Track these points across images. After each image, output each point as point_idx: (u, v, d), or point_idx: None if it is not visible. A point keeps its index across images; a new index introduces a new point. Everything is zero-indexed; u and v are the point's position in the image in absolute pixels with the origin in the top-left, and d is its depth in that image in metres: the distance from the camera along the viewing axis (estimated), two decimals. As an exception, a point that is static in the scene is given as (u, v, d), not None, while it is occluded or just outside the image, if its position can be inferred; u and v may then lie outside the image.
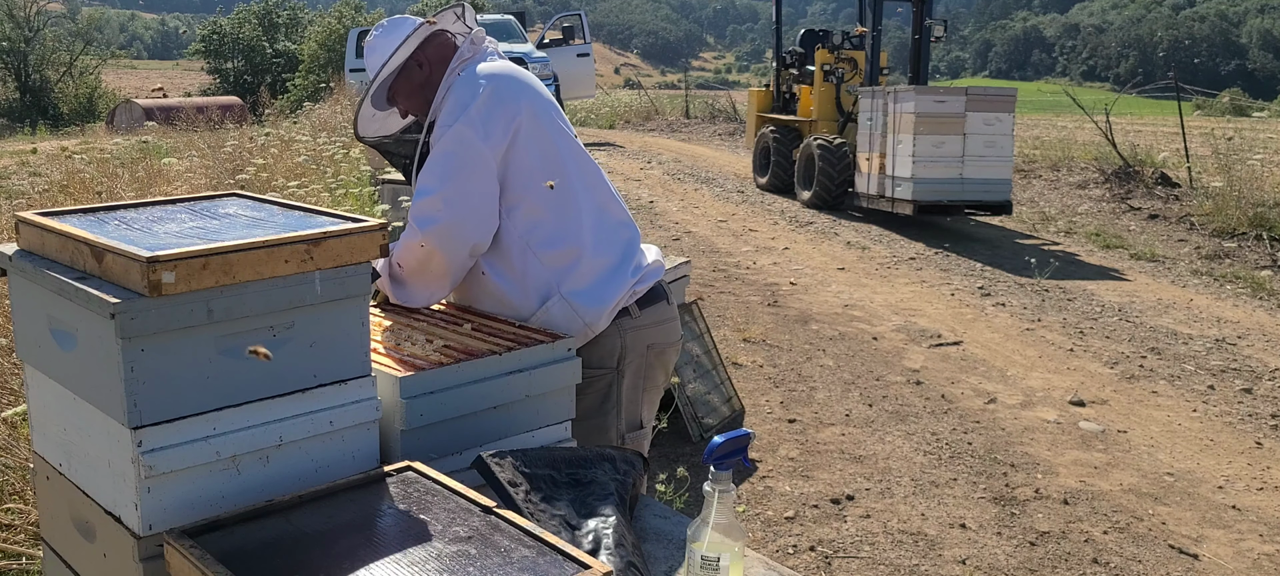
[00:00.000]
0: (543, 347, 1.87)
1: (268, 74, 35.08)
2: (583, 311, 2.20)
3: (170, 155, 9.10)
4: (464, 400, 1.75)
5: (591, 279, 2.21)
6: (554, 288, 2.20)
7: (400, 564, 1.29)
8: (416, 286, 2.20)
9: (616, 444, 2.30)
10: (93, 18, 44.68)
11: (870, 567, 3.57)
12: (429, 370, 1.73)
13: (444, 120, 2.16)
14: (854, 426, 4.91)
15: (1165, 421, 4.97)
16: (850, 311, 7.15)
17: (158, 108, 21.80)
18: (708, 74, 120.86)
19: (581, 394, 2.17)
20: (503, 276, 2.21)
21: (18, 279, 1.59)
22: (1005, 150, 10.00)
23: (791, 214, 11.35)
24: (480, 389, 1.77)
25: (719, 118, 24.44)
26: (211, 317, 1.40)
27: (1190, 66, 31.00)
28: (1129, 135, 15.46)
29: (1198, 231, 9.89)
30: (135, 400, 1.36)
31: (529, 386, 1.84)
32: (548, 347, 1.88)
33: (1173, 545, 3.74)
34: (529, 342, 1.89)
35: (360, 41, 18.83)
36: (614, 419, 2.29)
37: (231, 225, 1.61)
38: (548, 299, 2.20)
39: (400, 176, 5.82)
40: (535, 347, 1.86)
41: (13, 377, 3.36)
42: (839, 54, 12.29)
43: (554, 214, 2.21)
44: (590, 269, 2.22)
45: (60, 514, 1.63)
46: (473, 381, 1.77)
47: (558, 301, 2.19)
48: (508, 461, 1.60)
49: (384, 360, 1.80)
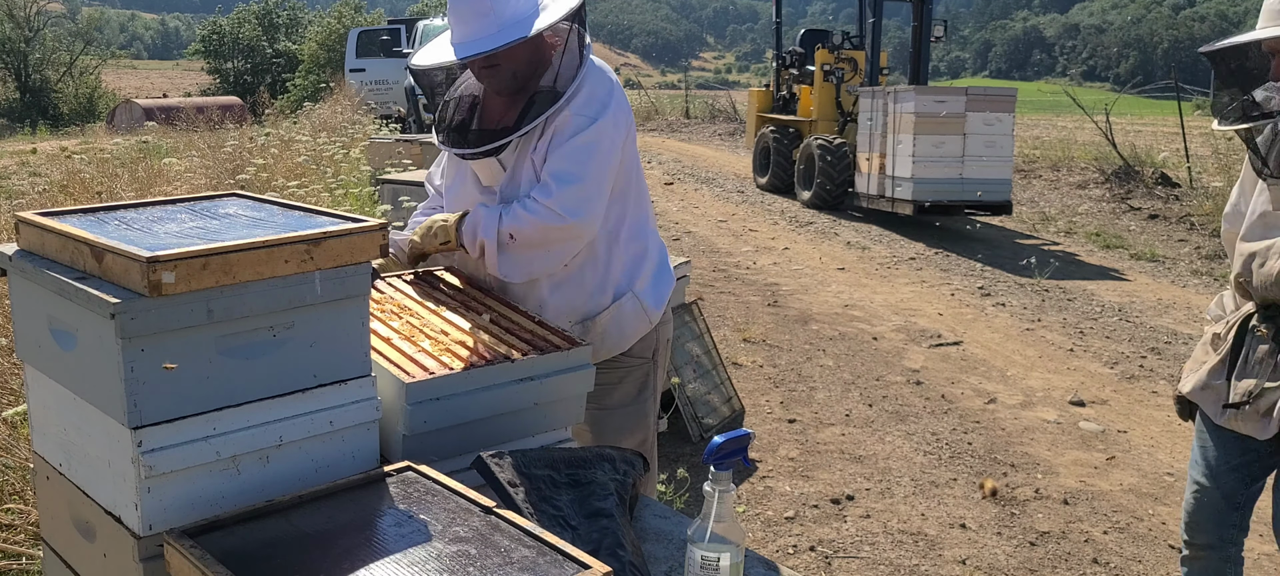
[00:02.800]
0: (558, 355, 1.83)
1: (268, 74, 35.08)
2: (649, 310, 2.33)
3: (170, 155, 9.11)
4: (470, 407, 1.71)
5: (652, 277, 2.34)
6: (627, 285, 2.30)
7: (400, 564, 1.29)
8: (524, 262, 2.19)
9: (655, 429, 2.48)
10: (93, 18, 44.66)
11: (870, 567, 3.57)
12: (437, 377, 1.68)
13: (583, 109, 2.17)
14: (854, 426, 4.91)
15: (1165, 421, 4.97)
16: (850, 311, 7.15)
17: (158, 108, 21.80)
18: (708, 74, 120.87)
19: (620, 384, 2.35)
20: (586, 267, 2.26)
21: (18, 279, 1.59)
22: (1005, 150, 10.00)
23: (791, 214, 11.35)
24: (489, 396, 1.73)
25: (719, 118, 24.45)
26: (211, 318, 1.40)
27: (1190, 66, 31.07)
28: (1129, 135, 15.45)
29: (1198, 231, 9.89)
30: (135, 400, 1.36)
31: (540, 394, 1.80)
32: (563, 355, 1.83)
33: (1173, 545, 3.74)
34: (545, 347, 1.84)
35: (360, 42, 18.84)
36: (651, 405, 2.43)
37: (231, 225, 1.61)
38: (621, 296, 2.29)
39: (400, 176, 5.82)
40: (550, 355, 1.82)
41: (13, 377, 3.36)
42: (839, 54, 12.29)
43: (634, 211, 2.32)
44: (651, 267, 2.35)
45: (60, 514, 1.63)
46: (482, 388, 1.72)
47: (630, 299, 2.30)
48: (507, 462, 1.60)
49: (395, 354, 1.76)
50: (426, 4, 34.28)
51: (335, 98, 15.99)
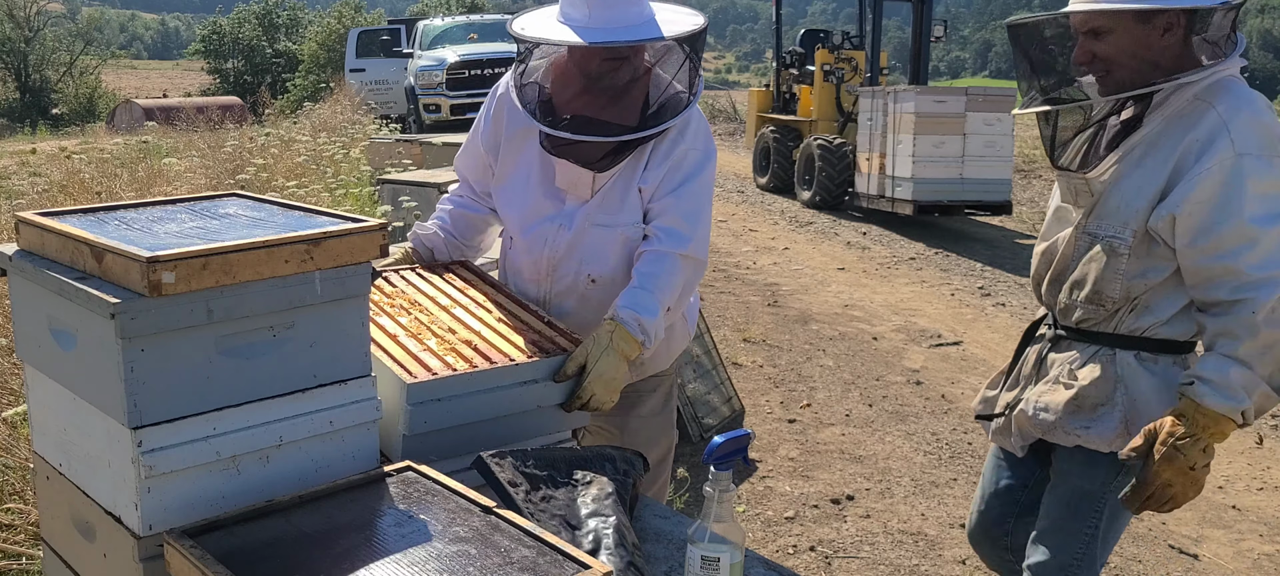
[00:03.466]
0: (562, 358, 1.83)
1: (268, 74, 35.05)
2: (691, 325, 2.35)
3: (170, 155, 9.11)
4: (471, 408, 1.71)
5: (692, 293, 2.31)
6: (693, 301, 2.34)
7: (400, 564, 1.29)
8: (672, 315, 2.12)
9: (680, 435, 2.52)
10: (93, 18, 44.67)
11: (870, 568, 3.57)
12: (438, 378, 1.68)
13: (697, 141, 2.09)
14: (854, 426, 4.91)
15: (1165, 421, 4.97)
16: (850, 311, 7.15)
17: (158, 108, 21.80)
18: (708, 74, 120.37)
19: (652, 394, 2.31)
20: None
21: (18, 279, 1.59)
22: (1005, 150, 10.00)
23: (791, 214, 11.36)
24: (491, 398, 1.73)
25: (719, 118, 24.44)
26: (211, 317, 1.40)
27: (1190, 66, 31.23)
28: (1129, 135, 15.42)
29: (1198, 231, 9.88)
30: (135, 400, 1.36)
31: (542, 397, 1.80)
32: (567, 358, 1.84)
33: (1173, 545, 3.74)
34: (552, 349, 1.84)
35: (360, 42, 18.83)
36: (674, 414, 2.43)
37: (231, 225, 1.61)
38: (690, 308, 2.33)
39: (400, 176, 5.82)
40: (554, 358, 1.82)
41: (13, 377, 3.36)
42: (839, 54, 12.29)
43: None
44: None
45: (60, 514, 1.63)
46: (484, 390, 1.72)
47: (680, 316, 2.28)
48: (508, 461, 1.60)
49: (399, 352, 1.76)
50: (426, 4, 34.27)
51: (335, 98, 15.98)
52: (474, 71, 13.34)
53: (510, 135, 2.17)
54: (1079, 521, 2.05)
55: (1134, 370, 1.97)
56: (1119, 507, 1.99)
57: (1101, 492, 2.03)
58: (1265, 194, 1.81)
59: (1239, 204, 1.80)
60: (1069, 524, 2.06)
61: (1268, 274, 1.79)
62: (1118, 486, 1.97)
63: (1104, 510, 2.03)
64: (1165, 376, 1.95)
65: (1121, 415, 1.97)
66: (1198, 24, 1.90)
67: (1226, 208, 1.81)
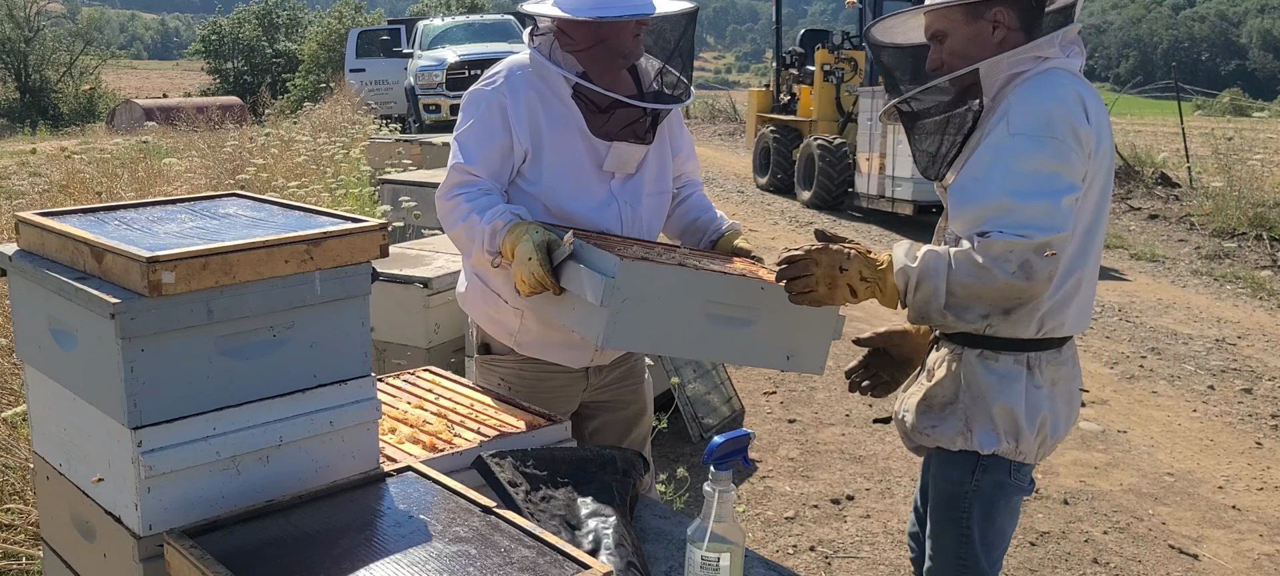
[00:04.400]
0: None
1: (268, 74, 35.05)
2: None
3: (170, 155, 9.10)
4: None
5: None
6: None
7: (400, 564, 1.29)
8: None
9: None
10: (93, 18, 44.67)
11: (870, 568, 3.57)
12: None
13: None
14: (854, 426, 4.91)
15: (1165, 421, 4.97)
16: (849, 311, 7.15)
17: (158, 108, 21.79)
18: (708, 74, 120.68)
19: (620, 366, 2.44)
20: None
21: (18, 279, 1.59)
22: (1005, 150, 9.99)
23: (791, 214, 11.36)
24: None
25: (719, 118, 24.45)
26: (211, 318, 1.40)
27: (1190, 66, 30.90)
28: (1129, 135, 15.46)
29: (1198, 231, 9.89)
30: (135, 400, 1.36)
31: None
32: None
33: (1173, 545, 3.74)
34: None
35: (360, 42, 18.84)
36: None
37: (231, 225, 1.61)
38: None
39: (400, 176, 5.81)
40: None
41: (13, 377, 3.36)
42: (839, 54, 12.29)
43: None
44: None
45: (60, 514, 1.63)
46: None
47: None
48: (508, 461, 1.60)
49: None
50: (426, 4, 34.27)
51: (335, 98, 15.99)
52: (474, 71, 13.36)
53: (550, 127, 2.15)
54: (951, 524, 2.02)
55: (974, 368, 1.95)
56: (990, 506, 1.97)
57: (962, 492, 1.99)
58: (1033, 171, 1.77)
59: (1001, 176, 1.77)
60: (943, 526, 2.04)
61: (1015, 224, 1.74)
62: (977, 485, 1.96)
63: (972, 509, 1.99)
64: (1004, 374, 1.92)
65: (964, 413, 1.95)
66: (1028, 22, 1.88)
67: (989, 178, 1.79)
